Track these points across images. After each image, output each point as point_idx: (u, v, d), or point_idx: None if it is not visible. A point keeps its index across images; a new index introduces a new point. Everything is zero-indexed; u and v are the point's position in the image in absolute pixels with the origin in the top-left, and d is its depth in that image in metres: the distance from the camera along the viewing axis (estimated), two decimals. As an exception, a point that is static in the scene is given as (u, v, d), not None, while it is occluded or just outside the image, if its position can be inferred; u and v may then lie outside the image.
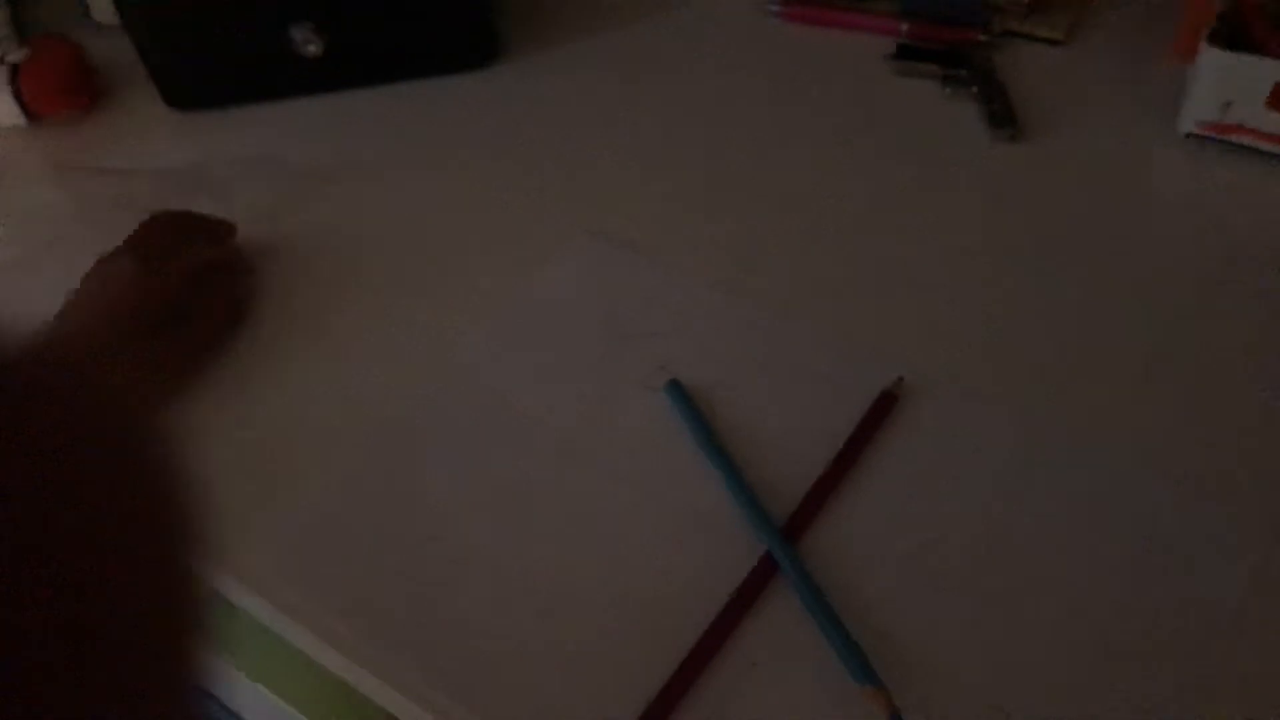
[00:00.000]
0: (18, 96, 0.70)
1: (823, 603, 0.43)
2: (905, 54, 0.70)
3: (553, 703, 0.42)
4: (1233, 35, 0.60)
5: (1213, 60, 0.60)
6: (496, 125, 0.69)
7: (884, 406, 0.51)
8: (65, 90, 0.72)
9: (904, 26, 0.72)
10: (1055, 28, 0.71)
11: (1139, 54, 0.70)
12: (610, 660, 0.43)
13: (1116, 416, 0.51)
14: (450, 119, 0.70)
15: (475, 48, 0.73)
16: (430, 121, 0.70)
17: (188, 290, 0.53)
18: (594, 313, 0.57)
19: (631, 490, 0.49)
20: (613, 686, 0.42)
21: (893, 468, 0.49)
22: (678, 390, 0.52)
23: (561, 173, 0.65)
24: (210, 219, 0.58)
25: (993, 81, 0.67)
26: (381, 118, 0.70)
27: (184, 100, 0.72)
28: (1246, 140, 0.61)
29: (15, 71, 0.70)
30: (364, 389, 0.54)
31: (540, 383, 0.54)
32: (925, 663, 0.42)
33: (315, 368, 0.55)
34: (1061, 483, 0.48)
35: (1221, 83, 0.60)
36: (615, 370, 0.54)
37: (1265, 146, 0.61)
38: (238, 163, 0.66)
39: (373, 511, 0.49)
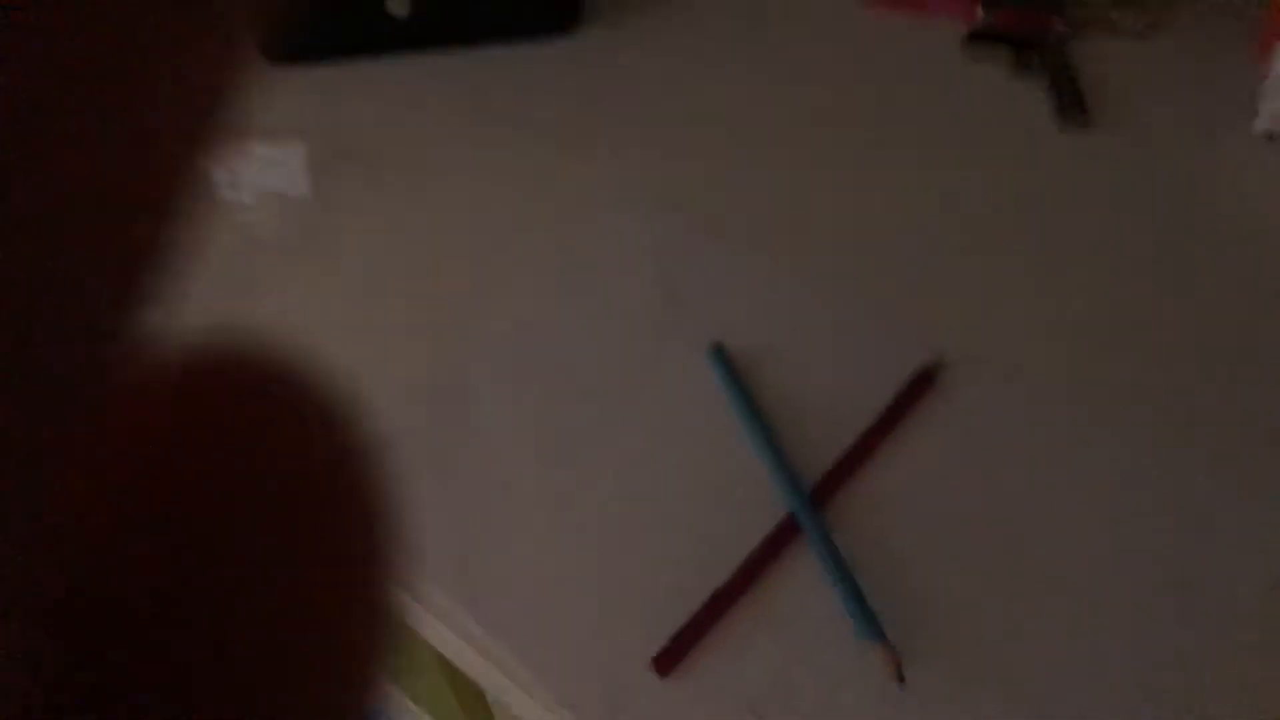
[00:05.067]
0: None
1: (838, 560, 0.44)
2: (979, 38, 0.70)
3: (577, 637, 0.45)
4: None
5: (1291, 59, 0.59)
6: (570, 92, 0.71)
7: (921, 383, 0.52)
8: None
9: (980, 12, 0.72)
10: (1135, 21, 0.71)
11: (1219, 52, 0.69)
12: (633, 606, 0.45)
13: (1162, 410, 0.51)
14: (526, 84, 0.72)
15: (558, 13, 0.75)
16: (506, 85, 0.72)
17: None
18: (648, 275, 0.58)
19: (669, 447, 0.51)
20: (634, 630, 0.45)
21: (927, 444, 0.50)
22: (720, 354, 0.53)
23: (629, 141, 0.67)
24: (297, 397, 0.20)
25: (1065, 70, 0.67)
26: (459, 80, 0.73)
27: (279, 55, 0.75)
28: (1321, 142, 0.60)
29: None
30: (420, 335, 0.57)
31: (590, 340, 0.56)
32: (939, 632, 0.44)
33: (373, 313, 0.58)
34: (1097, 473, 0.49)
35: (1298, 82, 0.59)
36: (664, 332, 0.56)
37: (1341, 149, 0.60)
38: (315, 119, 0.69)
39: (419, 449, 0.51)
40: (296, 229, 0.62)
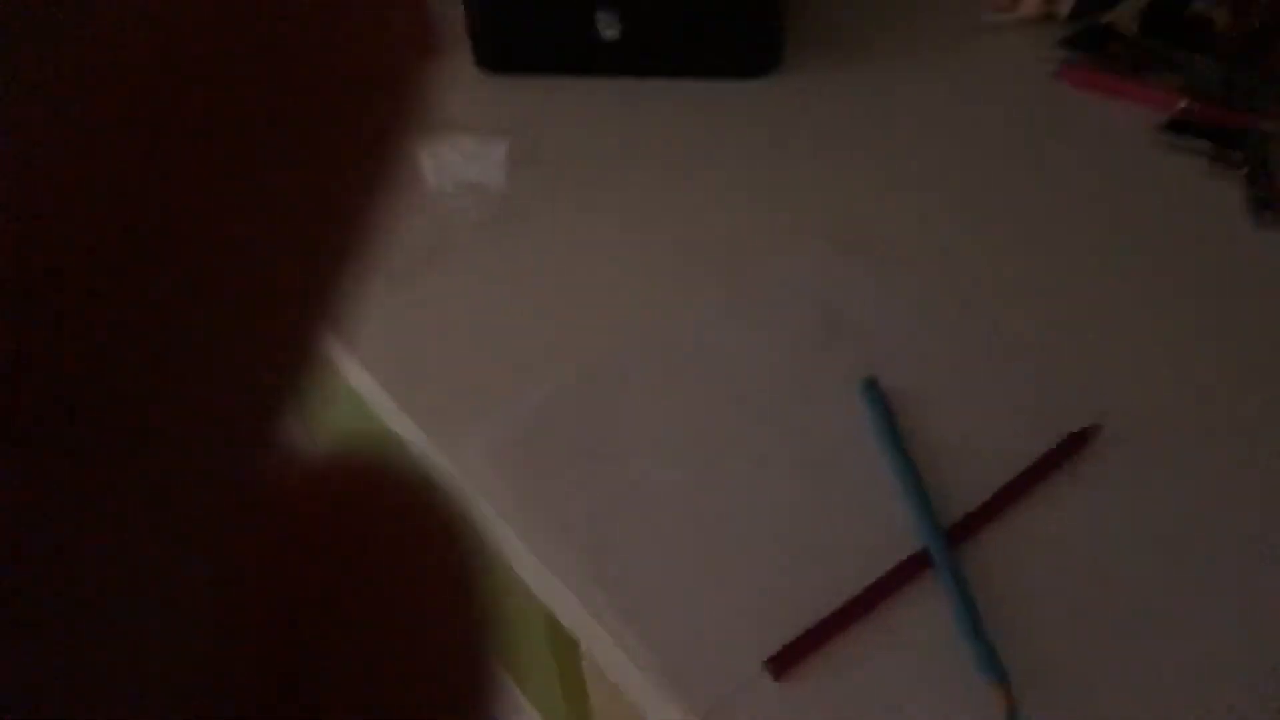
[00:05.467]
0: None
1: (965, 594, 0.44)
2: (1178, 128, 0.70)
3: (694, 629, 0.46)
4: None
5: None
6: (758, 131, 0.74)
7: (1075, 444, 0.51)
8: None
9: (1183, 103, 0.72)
10: (1347, 127, 0.69)
11: None
12: (756, 609, 0.47)
13: (1319, 507, 0.49)
14: (717, 118, 0.75)
15: (758, 56, 0.78)
16: (698, 117, 0.75)
17: None
18: (814, 306, 0.60)
19: (813, 469, 0.52)
20: (754, 630, 0.46)
21: (1072, 502, 0.50)
22: (873, 387, 0.54)
23: (809, 182, 0.69)
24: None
25: (1265, 167, 0.66)
26: (656, 106, 0.76)
27: (494, 63, 0.80)
28: None
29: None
30: (586, 328, 0.60)
31: (750, 356, 0.57)
32: (1055, 683, 0.43)
33: (546, 299, 0.61)
34: (1238, 555, 0.47)
35: None
36: (822, 360, 0.57)
37: None
38: (519, 124, 0.74)
39: (574, 433, 0.54)
40: (490, 217, 0.66)
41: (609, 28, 0.76)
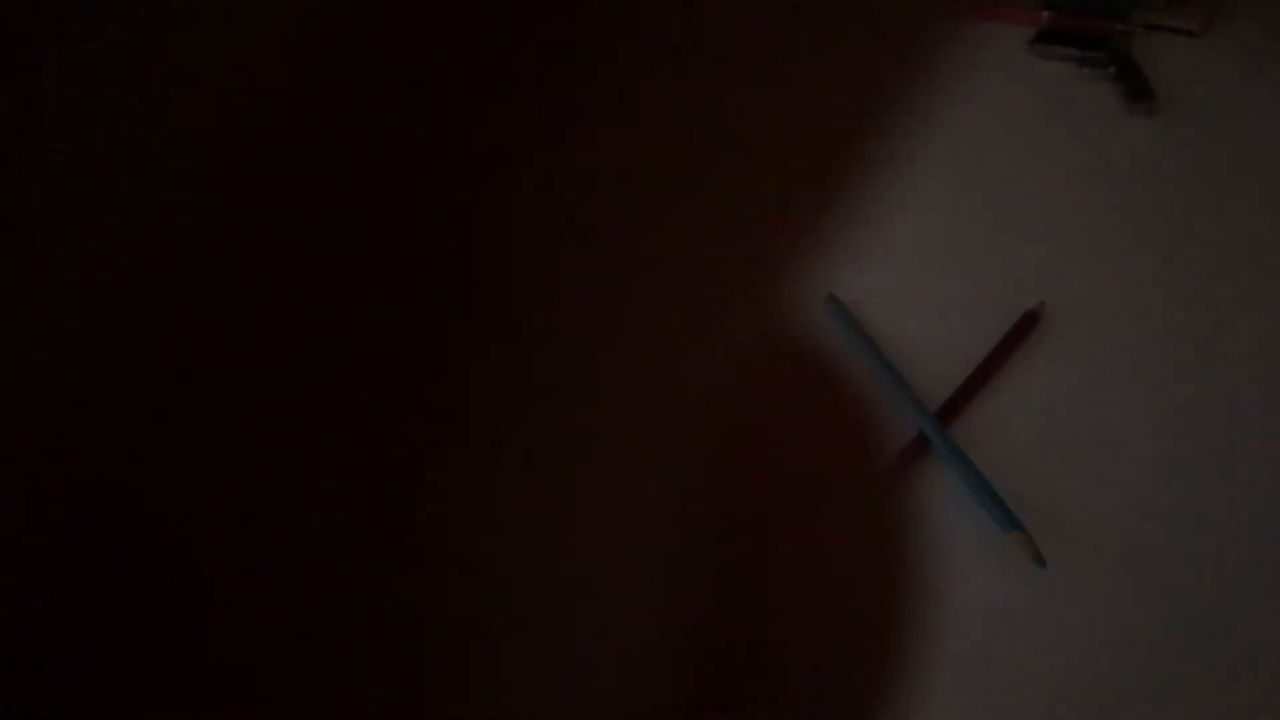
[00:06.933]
0: None
1: (970, 464, 0.48)
2: (1045, 38, 0.76)
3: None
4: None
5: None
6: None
7: (1027, 324, 0.56)
8: None
9: (1044, 15, 0.78)
10: (1191, 19, 0.76)
11: (1274, 44, 0.74)
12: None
13: (1225, 344, 0.55)
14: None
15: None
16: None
17: None
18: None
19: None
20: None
21: (1034, 378, 0.54)
22: (835, 303, 0.57)
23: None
24: None
25: (1130, 63, 0.72)
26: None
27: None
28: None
29: None
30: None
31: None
32: (1060, 525, 0.47)
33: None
34: (1173, 390, 0.53)
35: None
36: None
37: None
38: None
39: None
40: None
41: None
